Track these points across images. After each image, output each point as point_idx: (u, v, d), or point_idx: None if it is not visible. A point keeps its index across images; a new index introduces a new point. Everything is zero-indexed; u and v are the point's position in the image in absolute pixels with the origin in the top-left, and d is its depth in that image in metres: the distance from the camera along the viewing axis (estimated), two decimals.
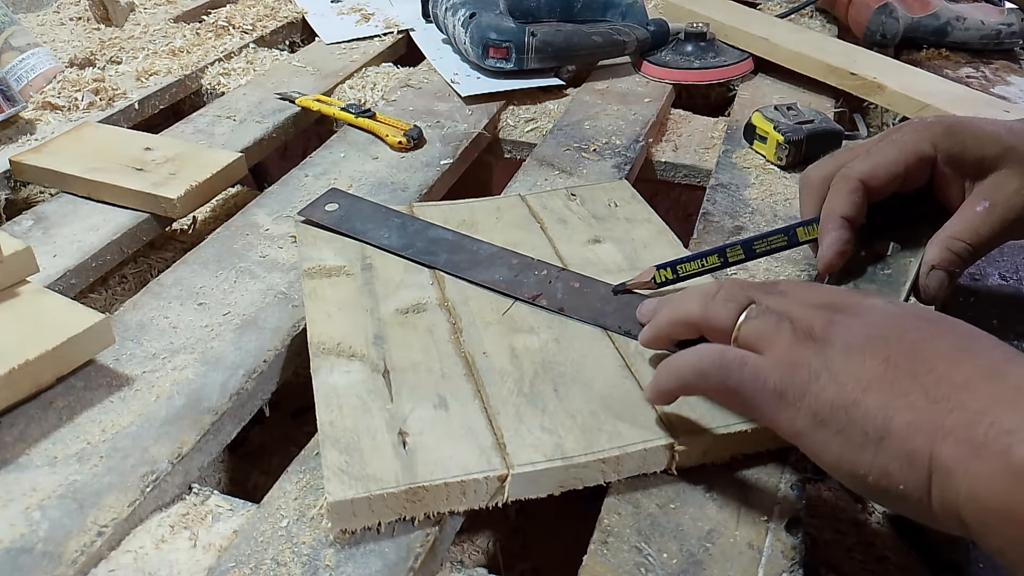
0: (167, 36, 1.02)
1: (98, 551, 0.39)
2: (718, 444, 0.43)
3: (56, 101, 0.83)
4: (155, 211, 0.66)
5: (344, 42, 1.03)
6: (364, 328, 0.50)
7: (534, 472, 0.40)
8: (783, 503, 0.41)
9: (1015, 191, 0.48)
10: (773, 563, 0.38)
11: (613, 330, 0.49)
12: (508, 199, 0.65)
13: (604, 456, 0.41)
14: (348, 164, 0.74)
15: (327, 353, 0.47)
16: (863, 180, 0.50)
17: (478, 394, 0.44)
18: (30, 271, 0.51)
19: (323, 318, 0.50)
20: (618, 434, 0.42)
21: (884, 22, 0.98)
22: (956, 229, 0.49)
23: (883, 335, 0.35)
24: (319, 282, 0.54)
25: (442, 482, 0.39)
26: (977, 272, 0.59)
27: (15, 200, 0.73)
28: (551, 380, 0.45)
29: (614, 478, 0.42)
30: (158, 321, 0.54)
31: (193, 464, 0.45)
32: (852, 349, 0.35)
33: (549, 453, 0.41)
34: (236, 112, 0.84)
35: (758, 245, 0.51)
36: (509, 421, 0.43)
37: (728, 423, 0.43)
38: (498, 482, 0.40)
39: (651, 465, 0.42)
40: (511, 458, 0.40)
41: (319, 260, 0.56)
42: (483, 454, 0.40)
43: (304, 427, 0.80)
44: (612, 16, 0.97)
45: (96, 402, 0.47)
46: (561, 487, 0.41)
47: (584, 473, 0.41)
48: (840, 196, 0.50)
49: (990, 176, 0.49)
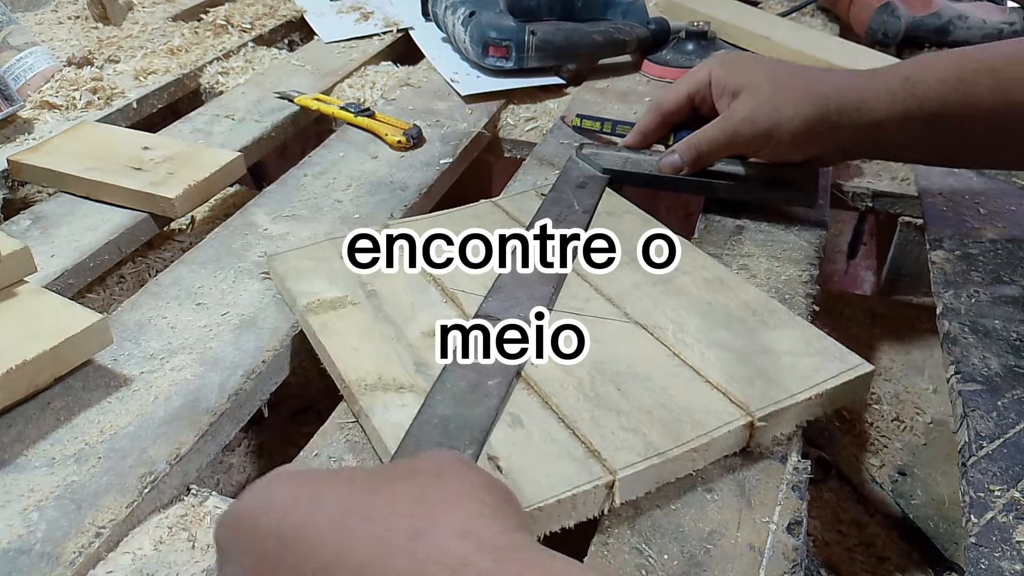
0: (165, 35, 1.02)
1: (96, 552, 0.39)
2: (788, 414, 0.44)
3: (54, 100, 0.83)
4: (153, 211, 0.66)
5: (343, 41, 1.03)
6: (398, 357, 0.47)
7: (636, 473, 0.40)
8: (784, 504, 0.41)
9: (742, 119, 0.60)
10: (774, 564, 0.38)
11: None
12: (481, 206, 0.64)
13: (695, 445, 0.41)
14: (347, 163, 0.74)
15: (372, 389, 0.45)
16: (658, 104, 0.68)
17: (546, 405, 0.44)
18: (28, 271, 0.51)
19: (349, 353, 0.48)
20: (698, 422, 0.43)
21: (886, 21, 0.98)
22: (696, 136, 0.63)
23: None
24: (326, 316, 0.51)
25: (555, 500, 0.38)
26: (979, 272, 0.59)
27: (13, 200, 0.73)
28: (609, 380, 0.45)
29: (701, 465, 0.43)
30: (156, 321, 0.54)
31: (191, 465, 0.45)
32: None
33: (643, 451, 0.41)
34: (235, 111, 0.84)
35: (619, 128, 0.75)
36: (589, 427, 0.42)
37: (792, 393, 0.44)
38: (606, 489, 0.40)
39: (733, 446, 0.43)
40: (611, 463, 0.40)
41: (315, 293, 0.53)
42: (581, 465, 0.40)
43: (303, 427, 0.80)
44: (613, 15, 0.97)
45: (94, 403, 0.47)
46: (657, 483, 0.41)
47: (677, 465, 0.42)
48: (644, 116, 0.69)
49: (734, 101, 0.61)
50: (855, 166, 0.78)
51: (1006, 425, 0.46)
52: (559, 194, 0.64)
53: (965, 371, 0.50)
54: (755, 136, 0.60)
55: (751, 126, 0.60)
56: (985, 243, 0.63)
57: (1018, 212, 0.67)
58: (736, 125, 0.60)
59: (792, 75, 0.60)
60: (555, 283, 0.53)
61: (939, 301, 0.57)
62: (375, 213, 0.66)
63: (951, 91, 0.55)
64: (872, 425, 0.68)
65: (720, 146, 0.62)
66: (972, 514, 0.41)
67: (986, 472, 0.43)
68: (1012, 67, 0.53)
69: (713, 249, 0.61)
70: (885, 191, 0.75)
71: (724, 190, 0.65)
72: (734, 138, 0.61)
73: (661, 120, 0.67)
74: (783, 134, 0.59)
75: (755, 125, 0.60)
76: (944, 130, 0.57)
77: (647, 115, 0.68)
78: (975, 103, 0.54)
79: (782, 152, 0.61)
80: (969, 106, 0.54)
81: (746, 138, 0.61)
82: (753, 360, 0.47)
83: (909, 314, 0.79)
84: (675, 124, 0.68)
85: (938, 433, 0.67)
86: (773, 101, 0.59)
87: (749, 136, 0.60)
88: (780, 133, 0.59)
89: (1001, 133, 0.55)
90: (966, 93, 0.54)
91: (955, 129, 0.56)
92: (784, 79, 0.60)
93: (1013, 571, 0.38)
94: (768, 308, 0.52)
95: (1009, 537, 0.40)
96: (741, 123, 0.60)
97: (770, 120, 0.59)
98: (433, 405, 0.43)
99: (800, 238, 0.63)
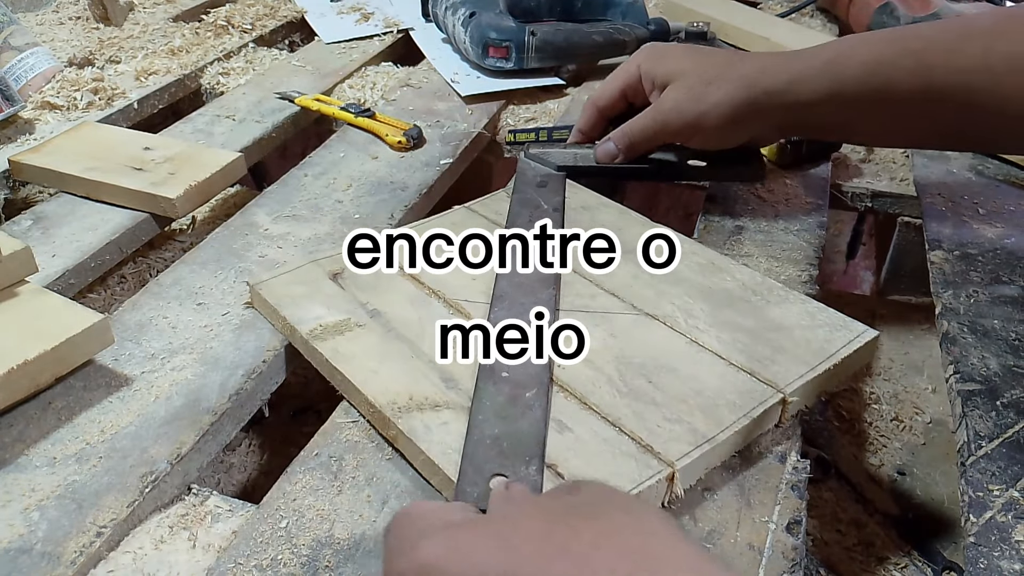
0: (166, 35, 1.02)
1: (97, 552, 0.39)
2: (812, 386, 0.46)
3: (55, 101, 0.83)
4: (154, 211, 0.66)
5: (344, 41, 1.03)
6: (423, 375, 0.46)
7: (692, 462, 0.41)
8: (783, 504, 0.41)
9: (670, 108, 0.61)
10: (773, 564, 0.38)
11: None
12: (456, 212, 0.63)
13: (738, 428, 0.42)
14: (348, 164, 0.74)
15: (408, 411, 0.44)
16: (594, 101, 0.68)
17: (585, 406, 0.44)
18: (29, 271, 0.51)
19: (371, 377, 0.46)
20: (735, 404, 0.44)
21: (885, 21, 0.98)
22: (629, 125, 0.64)
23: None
24: (334, 341, 0.49)
25: None
26: (978, 272, 0.59)
27: (14, 200, 0.73)
28: (639, 374, 0.46)
29: (742, 446, 0.44)
30: (157, 321, 0.54)
31: (192, 464, 0.45)
32: None
33: (692, 440, 0.41)
34: (235, 111, 0.84)
35: (555, 134, 0.74)
36: (634, 423, 0.43)
37: (813, 365, 0.46)
38: (667, 482, 0.40)
39: (768, 423, 0.45)
40: (665, 456, 0.41)
41: (316, 319, 0.51)
42: (638, 461, 0.40)
43: (304, 427, 0.80)
44: (612, 15, 0.97)
45: (95, 402, 0.47)
46: (706, 469, 0.42)
47: (723, 449, 0.42)
48: (582, 114, 0.70)
49: (663, 92, 0.62)
50: (854, 166, 0.78)
51: (1005, 425, 0.46)
52: (523, 195, 0.64)
53: (964, 371, 0.50)
54: (684, 125, 0.61)
55: (679, 116, 0.61)
56: (984, 243, 0.63)
57: (1017, 212, 0.68)
58: (665, 115, 0.61)
59: (718, 63, 0.61)
60: (555, 284, 0.53)
61: (938, 301, 0.57)
62: (375, 213, 0.66)
63: (871, 75, 0.55)
64: (871, 425, 0.68)
65: (651, 135, 0.63)
66: (971, 513, 0.41)
67: (985, 472, 0.43)
68: (932, 51, 0.53)
69: (713, 249, 0.61)
70: (884, 191, 0.75)
71: (674, 174, 0.68)
72: (664, 128, 0.62)
73: (598, 116, 0.68)
74: (711, 121, 0.60)
75: (683, 115, 0.61)
76: (866, 111, 0.58)
77: (584, 113, 0.69)
78: (895, 86, 0.55)
79: (714, 138, 0.62)
80: (889, 89, 0.55)
81: (676, 127, 0.62)
82: (767, 338, 0.49)
83: (908, 314, 0.79)
84: (612, 119, 0.68)
85: (937, 433, 0.67)
86: (699, 90, 0.60)
87: (678, 125, 0.61)
88: (708, 121, 0.60)
89: (922, 115, 0.56)
90: (887, 77, 0.55)
91: (877, 110, 0.57)
92: (710, 67, 0.60)
93: (1012, 570, 0.38)
94: (766, 286, 0.53)
95: (1008, 536, 0.40)
96: (669, 113, 0.61)
97: (697, 110, 0.60)
98: (479, 425, 0.42)
99: (799, 238, 0.63)
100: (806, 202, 0.69)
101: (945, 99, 0.54)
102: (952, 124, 0.56)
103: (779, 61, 0.59)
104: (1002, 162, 0.75)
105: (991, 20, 0.54)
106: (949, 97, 0.53)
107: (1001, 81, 0.51)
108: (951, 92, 0.53)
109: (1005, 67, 0.51)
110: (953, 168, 0.74)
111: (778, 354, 0.47)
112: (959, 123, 0.55)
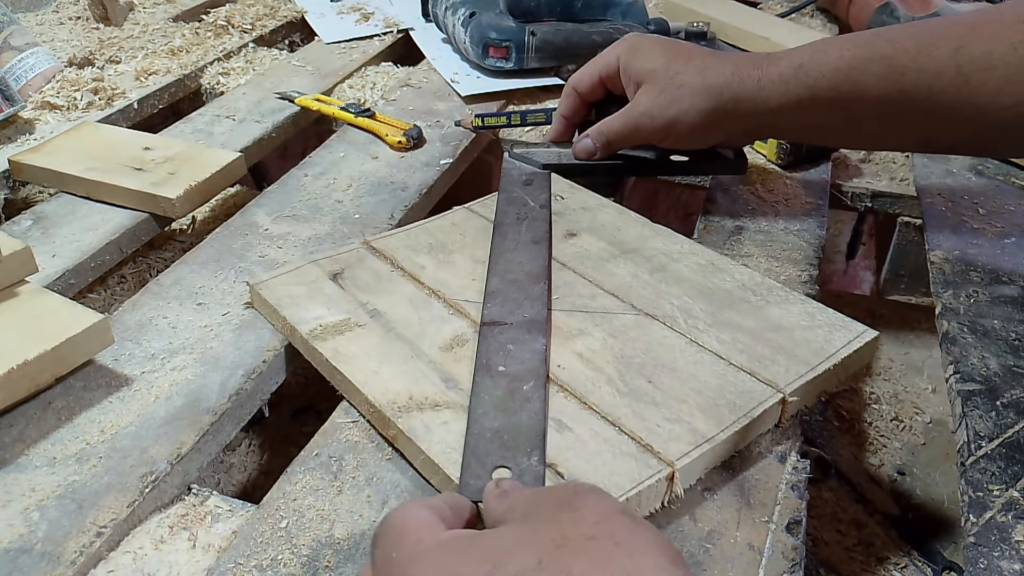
0: (166, 35, 1.02)
1: (97, 552, 0.39)
2: (811, 387, 0.46)
3: (55, 100, 0.83)
4: (154, 211, 0.66)
5: (344, 41, 1.03)
6: (423, 375, 0.46)
7: (692, 462, 0.41)
8: (783, 504, 0.41)
9: (641, 113, 0.62)
10: (773, 564, 0.38)
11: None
12: (455, 213, 0.63)
13: (738, 428, 0.42)
14: (348, 164, 0.74)
15: (408, 411, 0.44)
16: (574, 86, 0.68)
17: (584, 406, 0.44)
18: (29, 271, 0.51)
19: (371, 377, 0.46)
20: (735, 404, 0.44)
21: (885, 21, 0.98)
22: (604, 124, 0.65)
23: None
24: (335, 341, 0.49)
25: (624, 498, 0.38)
26: (978, 272, 0.59)
27: (14, 200, 0.73)
28: (639, 374, 0.46)
29: (742, 446, 0.44)
30: (157, 321, 0.54)
31: (192, 464, 0.45)
32: None
33: (692, 440, 0.41)
34: (235, 111, 0.84)
35: (530, 117, 0.75)
36: (634, 423, 0.43)
37: (813, 365, 0.46)
38: (667, 482, 0.40)
39: (769, 423, 0.45)
40: (665, 455, 0.41)
41: (316, 319, 0.51)
42: (637, 461, 0.40)
43: (303, 427, 0.80)
44: (612, 15, 0.97)
45: (95, 402, 0.47)
46: (705, 469, 0.42)
47: (723, 448, 0.42)
48: (563, 99, 0.70)
49: (638, 90, 0.62)
50: (854, 166, 0.78)
51: (1005, 425, 0.46)
52: (509, 194, 0.64)
53: (964, 371, 0.50)
54: (655, 130, 0.62)
55: (650, 121, 0.62)
56: (984, 243, 0.63)
57: (1017, 212, 0.68)
58: (636, 119, 0.62)
59: (688, 66, 0.61)
60: (544, 278, 0.53)
61: (938, 301, 0.57)
62: (375, 213, 0.66)
63: (843, 79, 0.56)
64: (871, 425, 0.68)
65: (626, 136, 0.64)
66: (971, 513, 0.41)
67: (985, 472, 0.43)
68: (902, 54, 0.54)
69: (713, 249, 0.61)
70: (884, 191, 0.75)
71: (657, 169, 0.69)
72: (636, 131, 0.63)
73: (580, 102, 0.69)
74: (681, 127, 0.61)
75: (654, 120, 0.61)
76: (836, 115, 0.58)
77: (565, 98, 0.69)
78: (865, 90, 0.55)
79: (684, 142, 0.63)
80: (860, 93, 0.56)
81: (647, 131, 0.63)
82: (767, 338, 0.49)
83: (908, 314, 0.79)
84: (593, 103, 0.69)
85: (937, 433, 0.67)
86: (670, 93, 0.61)
87: (649, 130, 0.62)
88: (678, 126, 0.61)
89: (892, 118, 0.57)
90: (857, 81, 0.55)
91: (847, 114, 0.58)
92: (680, 71, 0.61)
93: (1012, 570, 0.38)
94: (765, 286, 0.53)
95: (1008, 536, 0.40)
96: (640, 118, 0.62)
97: (666, 116, 0.61)
98: (479, 419, 0.42)
99: (799, 238, 0.63)
100: (806, 202, 0.69)
101: (915, 102, 0.54)
102: (921, 127, 0.56)
103: (750, 67, 0.59)
104: (1002, 162, 0.75)
105: (960, 20, 0.54)
106: (919, 100, 0.54)
107: (969, 79, 0.52)
108: (921, 95, 0.54)
109: (973, 66, 0.52)
110: (953, 168, 0.74)
111: (778, 354, 0.47)
112: (929, 126, 0.56)
